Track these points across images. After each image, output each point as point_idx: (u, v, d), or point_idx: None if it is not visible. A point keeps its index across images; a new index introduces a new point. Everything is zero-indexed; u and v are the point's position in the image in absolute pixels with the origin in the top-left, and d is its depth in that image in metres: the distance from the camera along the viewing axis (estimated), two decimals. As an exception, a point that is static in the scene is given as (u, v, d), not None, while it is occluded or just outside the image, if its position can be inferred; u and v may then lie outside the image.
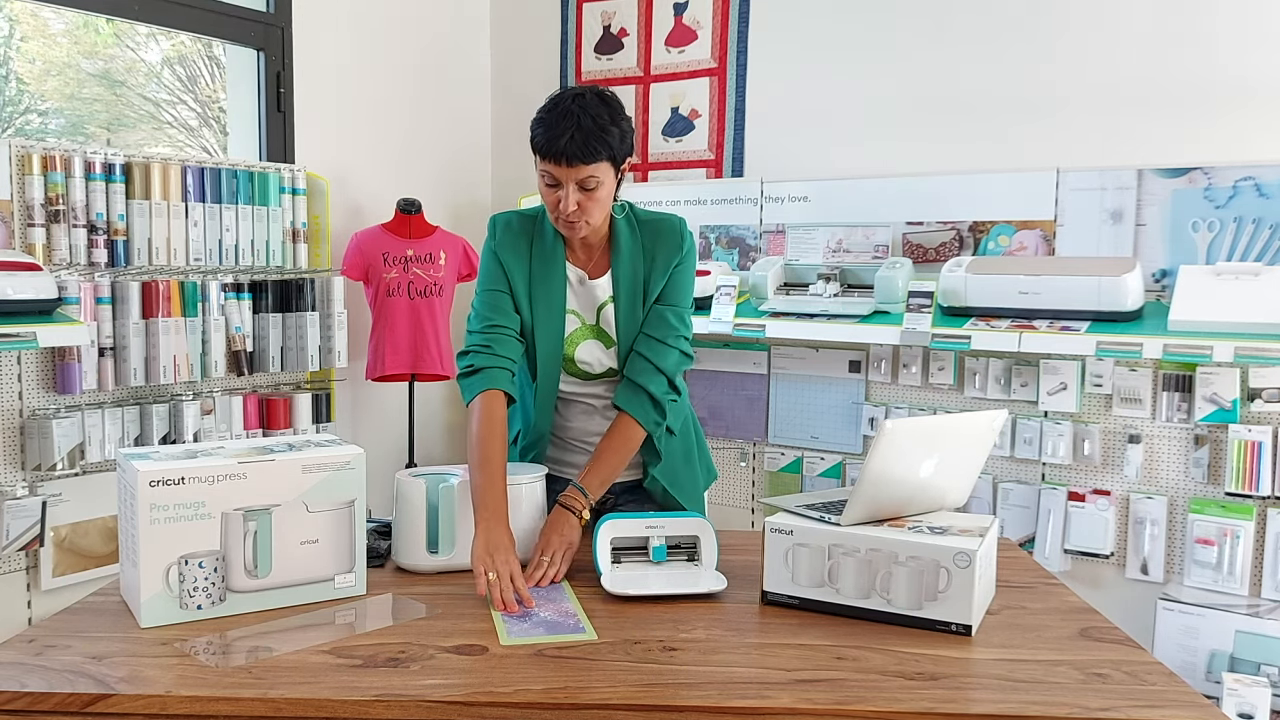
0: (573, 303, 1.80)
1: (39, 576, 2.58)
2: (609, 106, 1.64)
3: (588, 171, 1.61)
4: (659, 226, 1.80)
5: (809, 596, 1.43)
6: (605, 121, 1.61)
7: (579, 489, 1.69)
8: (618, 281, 1.78)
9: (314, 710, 1.13)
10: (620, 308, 1.78)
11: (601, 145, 1.61)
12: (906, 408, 3.09)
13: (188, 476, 1.34)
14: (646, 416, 1.75)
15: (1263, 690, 2.33)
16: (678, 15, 3.63)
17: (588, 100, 1.62)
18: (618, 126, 1.64)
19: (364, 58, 3.57)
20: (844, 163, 3.29)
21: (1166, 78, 2.80)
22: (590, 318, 1.80)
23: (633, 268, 1.77)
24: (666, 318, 1.78)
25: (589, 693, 1.16)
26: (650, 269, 1.78)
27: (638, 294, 1.78)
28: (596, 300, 1.80)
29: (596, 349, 1.80)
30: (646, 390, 1.75)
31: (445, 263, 3.39)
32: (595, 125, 1.60)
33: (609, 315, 1.79)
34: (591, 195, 1.64)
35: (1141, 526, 2.73)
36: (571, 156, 1.59)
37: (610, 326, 1.79)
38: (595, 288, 1.79)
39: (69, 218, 2.57)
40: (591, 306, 1.80)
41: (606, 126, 1.61)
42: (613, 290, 1.79)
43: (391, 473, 1.69)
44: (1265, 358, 2.36)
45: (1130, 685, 1.19)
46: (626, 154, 1.69)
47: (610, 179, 1.67)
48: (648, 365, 1.76)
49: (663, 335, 1.77)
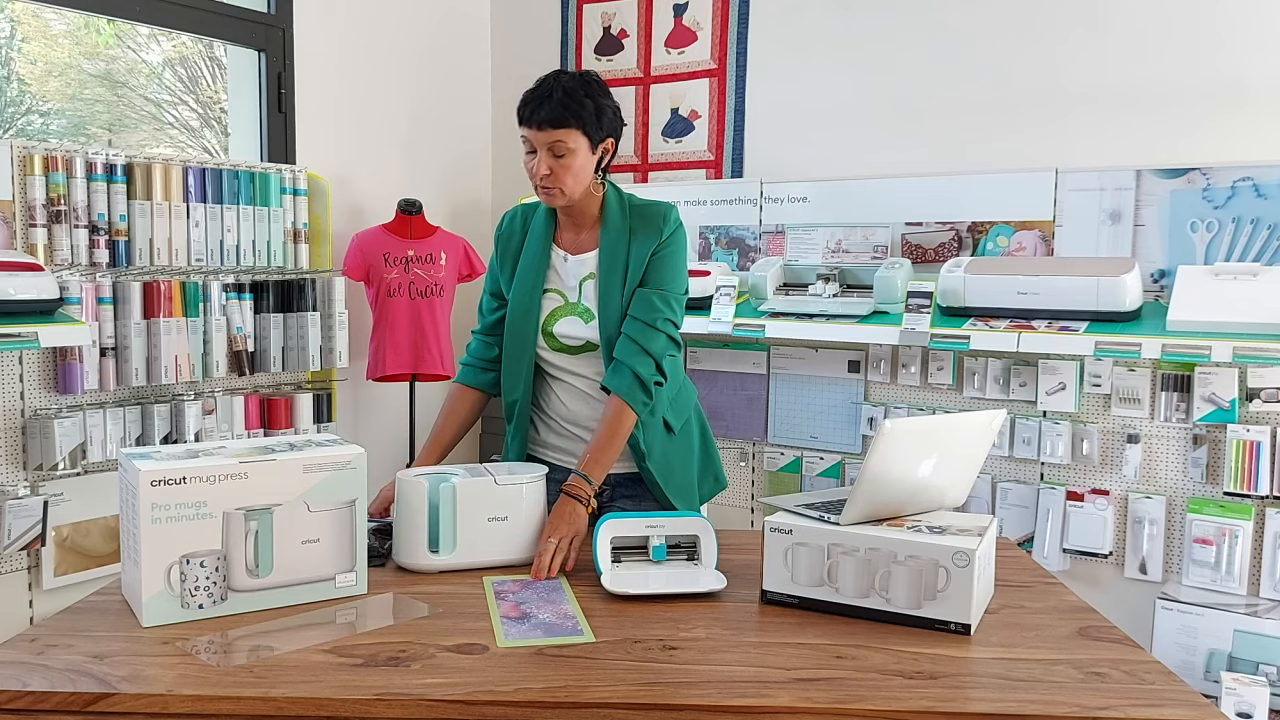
0: (553, 281, 1.88)
1: (40, 576, 2.58)
2: (587, 84, 1.76)
3: (557, 136, 1.72)
4: (646, 210, 1.87)
5: (808, 596, 1.43)
6: (579, 94, 1.73)
7: (583, 477, 1.71)
8: (601, 257, 1.84)
9: (315, 709, 1.13)
10: (601, 282, 1.83)
11: (571, 113, 1.72)
12: (905, 408, 3.10)
13: (189, 476, 1.34)
14: (634, 398, 1.78)
15: (1261, 689, 2.33)
16: (677, 16, 3.63)
17: (568, 76, 1.76)
18: (592, 100, 1.75)
19: (364, 58, 3.57)
20: (843, 163, 3.30)
21: (1165, 78, 2.81)
22: (572, 295, 1.87)
23: (616, 246, 1.84)
24: (653, 301, 1.81)
25: (589, 692, 1.16)
26: (630, 249, 1.84)
27: (617, 270, 1.83)
28: (579, 275, 1.86)
29: (575, 323, 1.86)
30: (634, 371, 1.78)
31: (446, 263, 3.39)
32: (567, 95, 1.72)
33: (589, 290, 1.85)
34: (563, 162, 1.75)
35: (1140, 526, 2.73)
36: (541, 121, 1.72)
37: (591, 302, 1.85)
38: (579, 262, 1.87)
39: (70, 218, 2.57)
40: (574, 282, 1.86)
41: (580, 98, 1.73)
42: (596, 266, 1.85)
43: (392, 472, 1.70)
44: (1263, 358, 2.37)
45: (1129, 684, 1.20)
46: (605, 132, 1.79)
47: (584, 149, 1.76)
48: (634, 347, 1.79)
49: (650, 319, 1.80)
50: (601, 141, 1.79)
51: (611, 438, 1.77)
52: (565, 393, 1.90)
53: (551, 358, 1.88)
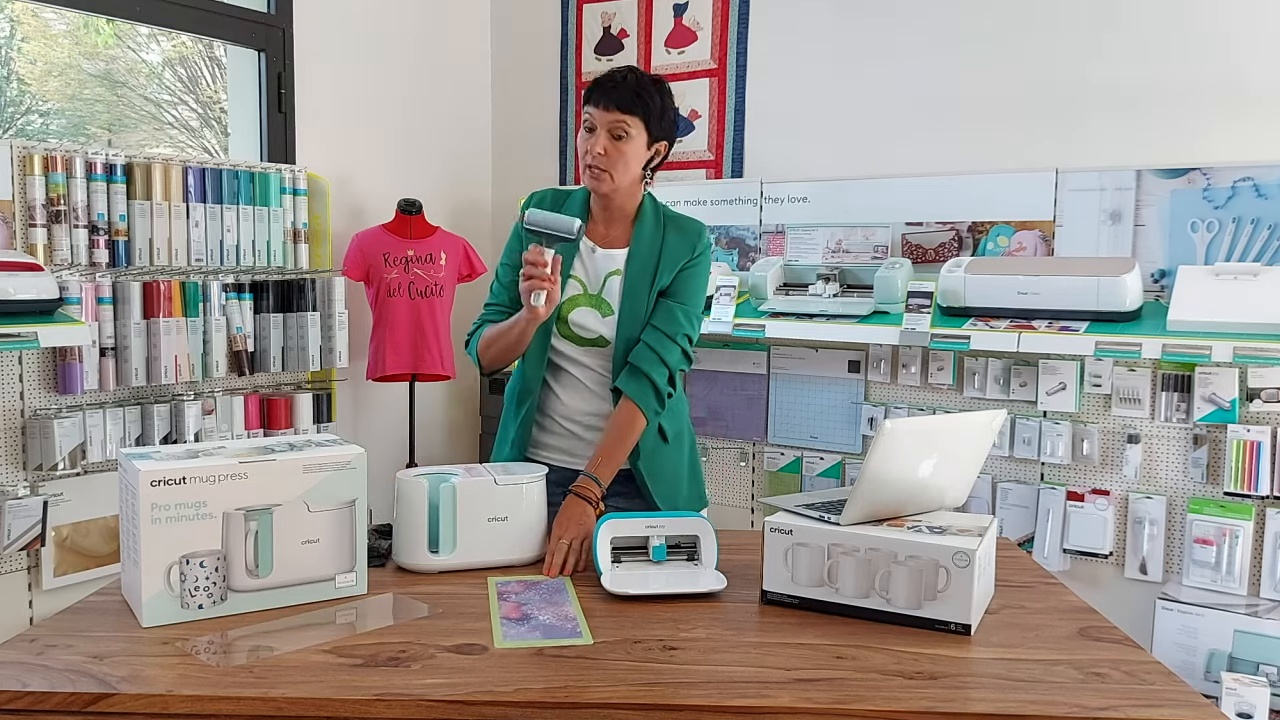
0: (578, 269, 1.87)
1: (40, 576, 2.58)
2: (659, 83, 1.82)
3: (621, 118, 1.76)
4: (682, 223, 1.90)
5: (808, 596, 1.43)
6: (650, 88, 1.78)
7: (592, 478, 1.72)
8: (631, 257, 1.85)
9: (315, 709, 1.13)
10: (627, 281, 1.84)
11: (638, 101, 1.76)
12: (906, 408, 3.10)
13: (189, 476, 1.34)
14: (648, 404, 1.80)
15: (1261, 690, 2.33)
16: (677, 16, 3.63)
17: (642, 72, 1.81)
18: (661, 97, 1.80)
19: (364, 58, 3.57)
20: (843, 163, 3.30)
21: (1165, 78, 2.81)
22: (594, 286, 1.86)
23: (649, 249, 1.85)
24: (675, 314, 1.84)
25: (589, 692, 1.16)
26: (662, 258, 1.85)
27: (646, 274, 1.84)
28: (605, 269, 1.86)
29: (592, 315, 1.85)
30: (650, 378, 1.80)
31: (446, 263, 3.39)
32: (639, 84, 1.77)
33: (614, 286, 1.85)
34: (619, 145, 1.77)
35: (1140, 526, 2.73)
36: (610, 101, 1.75)
37: (613, 297, 1.85)
38: (607, 257, 1.87)
39: (70, 218, 2.57)
40: (598, 275, 1.86)
41: (650, 90, 1.78)
42: (625, 264, 1.85)
43: (392, 472, 1.70)
44: (1264, 358, 2.37)
45: (1129, 685, 1.20)
46: (663, 133, 1.83)
47: (641, 140, 1.79)
48: (653, 355, 1.81)
49: (672, 331, 1.83)
50: (657, 141, 1.82)
51: (621, 440, 1.78)
52: (562, 386, 1.90)
53: (558, 344, 1.88)
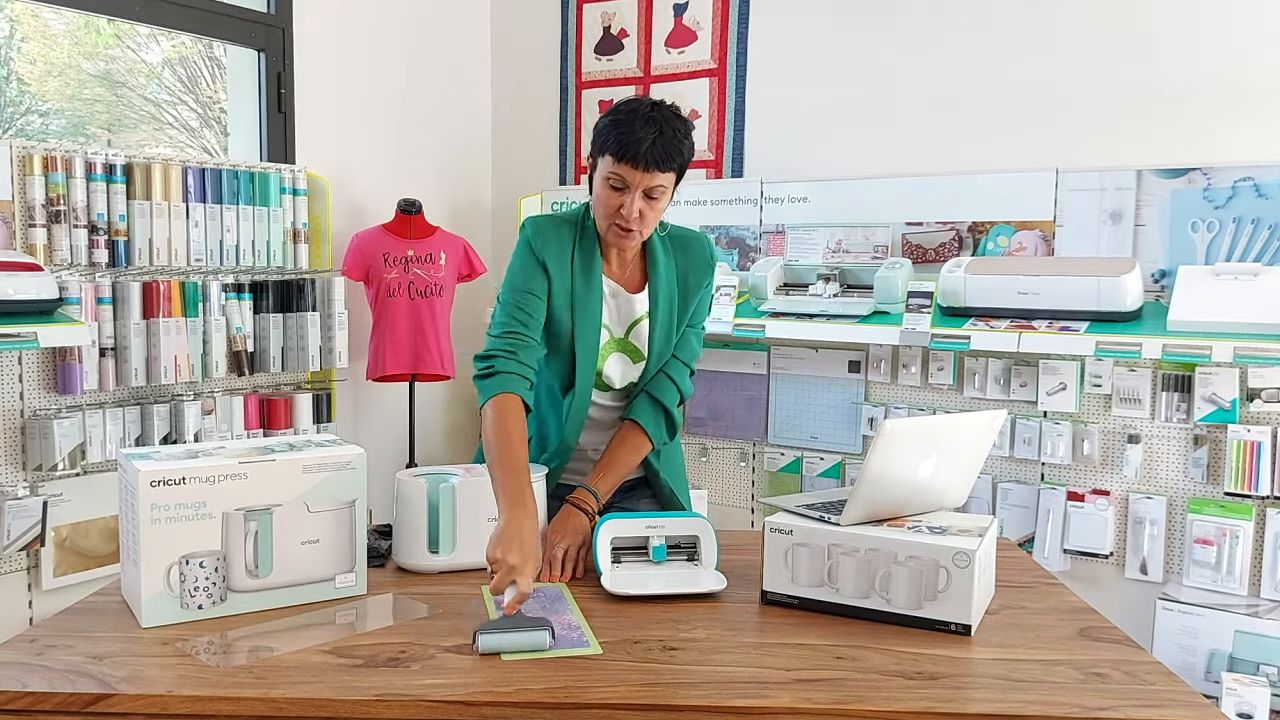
0: (605, 316, 1.76)
1: (40, 576, 2.58)
2: (684, 122, 1.65)
3: (660, 179, 1.61)
4: (689, 244, 1.81)
5: (808, 596, 1.43)
6: (681, 134, 1.62)
7: (589, 490, 1.71)
8: (655, 299, 1.77)
9: (315, 710, 1.13)
10: (656, 325, 1.77)
11: (677, 155, 1.61)
12: (906, 408, 3.10)
13: (189, 476, 1.34)
14: (660, 436, 1.79)
15: (1262, 690, 2.33)
16: (677, 16, 3.63)
17: (665, 111, 1.63)
18: (690, 141, 1.65)
19: (364, 58, 3.57)
20: (844, 163, 3.29)
21: (1165, 78, 2.80)
22: (619, 331, 1.78)
23: (669, 287, 1.78)
24: (691, 341, 1.83)
25: (589, 692, 1.16)
26: (685, 289, 1.79)
27: (674, 313, 1.78)
28: (631, 315, 1.78)
29: (622, 363, 1.78)
30: (667, 410, 1.79)
31: (446, 263, 3.39)
32: (675, 135, 1.61)
33: (642, 331, 1.78)
34: (653, 204, 1.64)
35: (1141, 526, 2.73)
36: (649, 162, 1.58)
37: (641, 342, 1.78)
38: (632, 302, 1.77)
39: (70, 218, 2.57)
40: (624, 321, 1.78)
41: (682, 139, 1.62)
42: (649, 307, 1.77)
43: (392, 473, 1.69)
44: (1264, 358, 2.37)
45: (1129, 685, 1.20)
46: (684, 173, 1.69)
47: (671, 188, 1.66)
48: (671, 387, 1.80)
49: (688, 358, 1.83)
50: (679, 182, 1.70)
51: (624, 461, 1.76)
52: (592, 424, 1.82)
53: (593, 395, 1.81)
